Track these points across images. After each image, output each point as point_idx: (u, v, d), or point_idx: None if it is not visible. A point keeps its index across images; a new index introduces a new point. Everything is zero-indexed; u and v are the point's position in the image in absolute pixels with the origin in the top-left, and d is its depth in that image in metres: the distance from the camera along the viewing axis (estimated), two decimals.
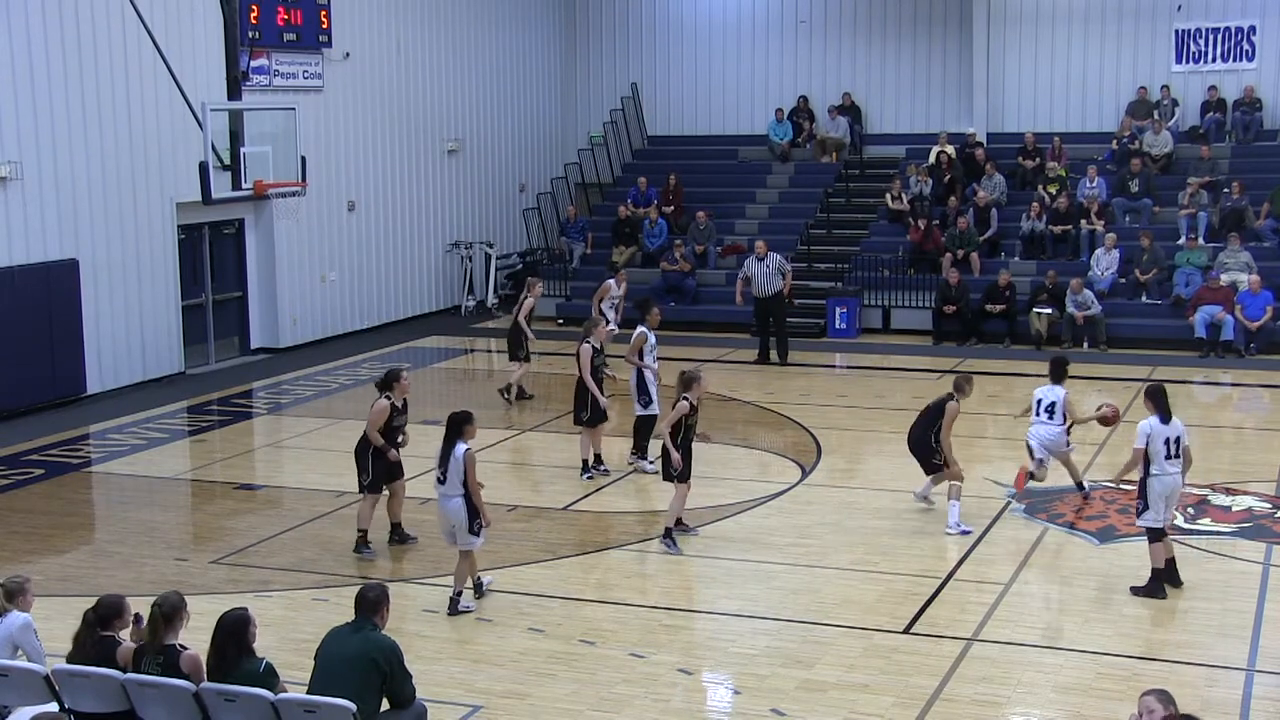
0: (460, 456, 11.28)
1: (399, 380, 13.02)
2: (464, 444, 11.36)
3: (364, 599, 8.44)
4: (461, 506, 11.34)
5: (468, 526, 11.37)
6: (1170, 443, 11.82)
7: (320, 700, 7.83)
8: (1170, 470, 11.81)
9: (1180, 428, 11.93)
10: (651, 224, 27.33)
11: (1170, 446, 11.82)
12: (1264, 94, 27.26)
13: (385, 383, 13.00)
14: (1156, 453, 11.77)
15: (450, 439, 11.38)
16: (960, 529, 13.48)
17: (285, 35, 23.08)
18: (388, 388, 12.94)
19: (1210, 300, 22.86)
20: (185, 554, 13.35)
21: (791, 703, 9.69)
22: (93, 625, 8.45)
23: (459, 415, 11.47)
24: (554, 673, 10.29)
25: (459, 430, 11.39)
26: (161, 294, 21.26)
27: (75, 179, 19.79)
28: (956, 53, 29.22)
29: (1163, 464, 11.77)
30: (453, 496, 11.36)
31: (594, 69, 31.75)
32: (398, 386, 12.97)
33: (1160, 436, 11.79)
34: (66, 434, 18.13)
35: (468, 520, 11.35)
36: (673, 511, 13.32)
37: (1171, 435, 11.83)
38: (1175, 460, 11.85)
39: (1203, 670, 10.23)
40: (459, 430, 11.39)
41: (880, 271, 25.57)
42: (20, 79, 18.91)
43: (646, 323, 16.09)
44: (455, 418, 11.45)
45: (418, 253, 27.30)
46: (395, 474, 13.10)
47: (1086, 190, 25.81)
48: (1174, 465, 11.84)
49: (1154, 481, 11.74)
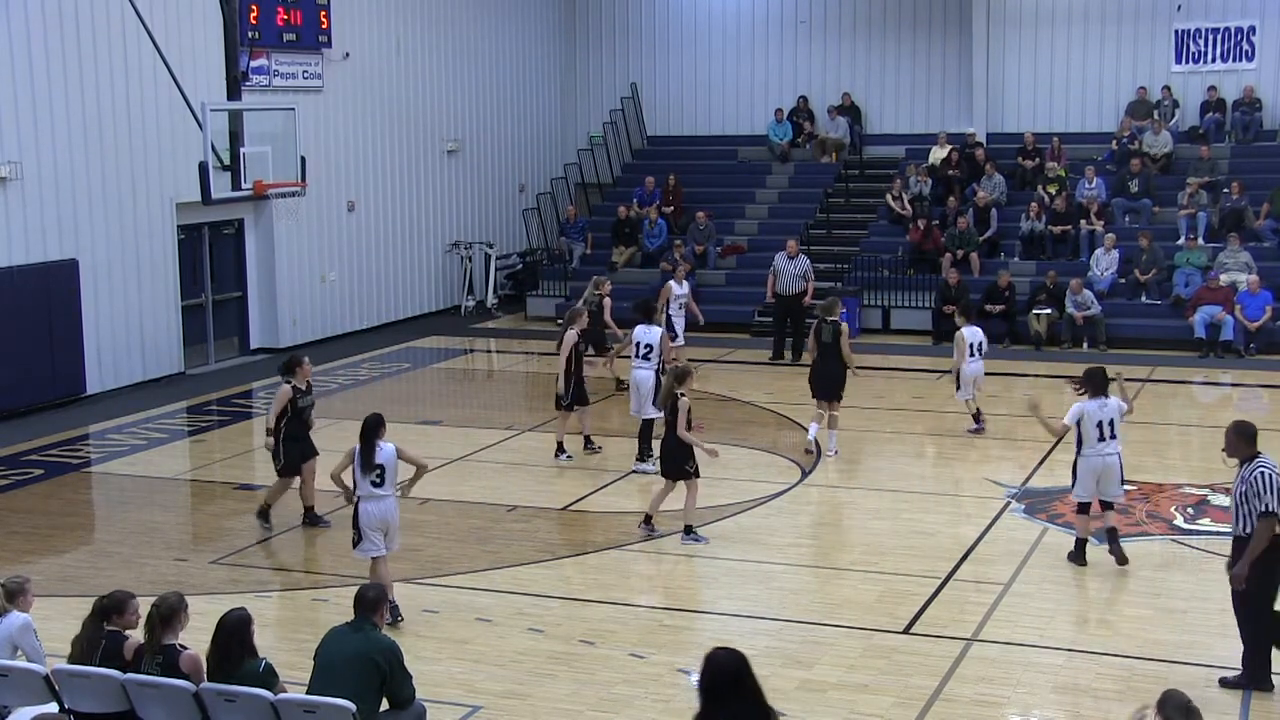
0: (394, 454, 11.21)
1: (300, 365, 13.70)
2: (389, 444, 11.26)
3: (363, 599, 8.44)
4: (397, 506, 11.40)
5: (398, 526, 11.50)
6: (1104, 425, 12.23)
7: (320, 700, 7.83)
8: (1104, 451, 12.26)
9: (1115, 408, 12.37)
10: (651, 224, 27.33)
11: (1104, 429, 12.23)
12: (1263, 94, 27.26)
13: (288, 368, 13.69)
14: (1088, 433, 12.22)
15: (370, 442, 11.19)
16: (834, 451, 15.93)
17: (285, 35, 23.08)
18: (290, 373, 13.62)
19: (1210, 300, 22.86)
20: (185, 554, 13.35)
21: (791, 703, 9.69)
22: (99, 617, 8.46)
23: (375, 418, 11.35)
24: (554, 673, 10.29)
25: (376, 432, 11.26)
26: (161, 294, 21.26)
27: (75, 179, 19.79)
28: (956, 53, 29.22)
29: (1095, 444, 12.23)
30: (386, 498, 11.28)
31: (594, 69, 31.75)
32: (299, 371, 13.64)
33: (1093, 419, 12.20)
34: (66, 434, 18.13)
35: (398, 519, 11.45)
36: (689, 509, 13.35)
37: (1105, 418, 12.25)
38: (1109, 441, 12.26)
39: (1202, 670, 10.23)
40: (376, 432, 11.26)
41: (880, 271, 25.57)
42: (20, 79, 18.91)
43: (657, 322, 16.59)
44: (372, 421, 11.30)
45: (417, 253, 27.30)
46: (308, 456, 13.71)
47: (1086, 190, 25.81)
48: (1108, 446, 12.27)
49: (1083, 461, 12.23)
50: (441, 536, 13.56)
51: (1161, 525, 13.67)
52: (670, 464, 13.37)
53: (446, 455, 16.58)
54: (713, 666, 6.25)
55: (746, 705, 6.16)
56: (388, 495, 11.25)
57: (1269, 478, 9.52)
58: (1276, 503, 9.47)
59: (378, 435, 11.23)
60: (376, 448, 11.17)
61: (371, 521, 11.20)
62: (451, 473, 15.90)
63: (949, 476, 16.06)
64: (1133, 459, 16.19)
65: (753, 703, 6.18)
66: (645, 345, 16.16)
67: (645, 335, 16.21)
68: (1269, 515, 9.48)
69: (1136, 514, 13.99)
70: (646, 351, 16.11)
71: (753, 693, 6.19)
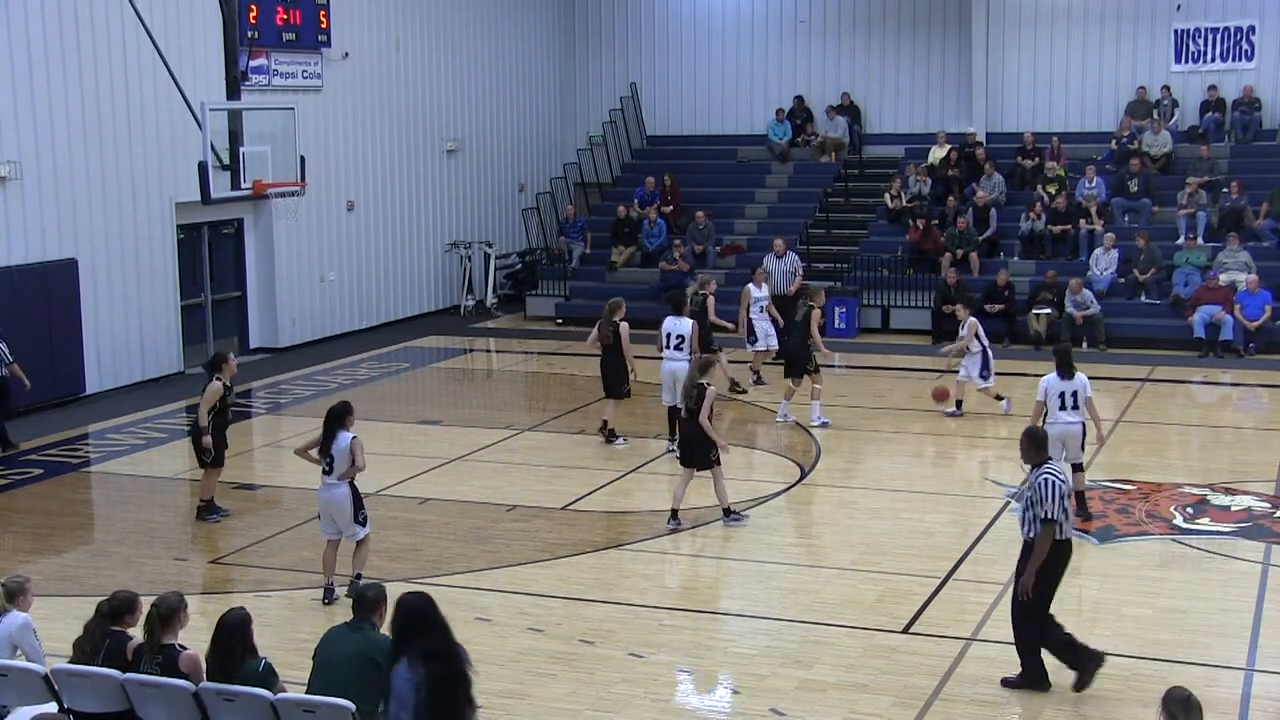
0: (347, 444, 11.51)
1: (226, 361, 14.08)
2: (348, 433, 11.57)
3: (362, 598, 8.43)
4: (346, 496, 11.65)
5: (352, 516, 11.68)
6: (1066, 395, 13.30)
7: (319, 700, 7.82)
8: (1065, 420, 13.28)
9: (1081, 382, 13.38)
10: (650, 224, 27.33)
11: (1065, 399, 13.30)
12: (1263, 94, 27.26)
13: (214, 364, 14.11)
14: (1052, 404, 13.30)
15: (331, 430, 11.58)
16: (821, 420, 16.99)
17: (284, 35, 23.07)
18: (217, 369, 14.01)
19: (1209, 300, 22.86)
20: (184, 554, 13.34)
21: (791, 702, 9.69)
22: (105, 617, 8.46)
23: (339, 407, 11.75)
24: (553, 673, 10.28)
25: (340, 421, 11.62)
26: (161, 294, 21.25)
27: (74, 179, 19.79)
28: (955, 52, 29.22)
29: (1056, 414, 13.28)
30: (336, 486, 11.61)
31: (593, 69, 31.75)
32: (226, 367, 14.00)
33: (1055, 391, 13.30)
34: (66, 434, 18.13)
35: (352, 510, 11.67)
36: (721, 493, 13.68)
37: (1068, 389, 13.32)
38: (1071, 410, 13.31)
39: (1202, 670, 10.23)
40: (340, 421, 11.62)
41: (879, 271, 25.57)
42: (19, 79, 18.91)
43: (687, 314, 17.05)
44: (335, 409, 11.71)
45: (417, 253, 27.30)
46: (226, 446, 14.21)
47: (1085, 190, 25.81)
48: (1070, 415, 13.31)
49: (1048, 429, 12.58)
50: (441, 536, 13.56)
51: (1161, 525, 13.66)
52: (691, 453, 13.65)
53: (446, 455, 16.58)
54: (403, 608, 7.16)
55: (435, 639, 7.06)
56: (335, 484, 11.59)
57: (1052, 485, 9.58)
58: (1056, 510, 9.55)
59: (339, 424, 11.58)
60: (335, 436, 11.54)
61: (320, 505, 11.80)
62: (451, 472, 15.90)
63: (949, 476, 16.07)
64: (1132, 459, 16.26)
65: (440, 637, 7.10)
66: (676, 337, 16.69)
67: (676, 327, 16.76)
68: (1049, 522, 9.58)
69: (1136, 514, 13.98)
70: (678, 343, 16.62)
71: (441, 628, 7.12)
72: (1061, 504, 9.59)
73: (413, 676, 6.96)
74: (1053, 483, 9.60)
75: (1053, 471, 9.72)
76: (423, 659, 7.03)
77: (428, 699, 6.97)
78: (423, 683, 6.96)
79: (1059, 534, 9.64)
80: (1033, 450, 9.91)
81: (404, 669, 7.01)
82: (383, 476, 15.65)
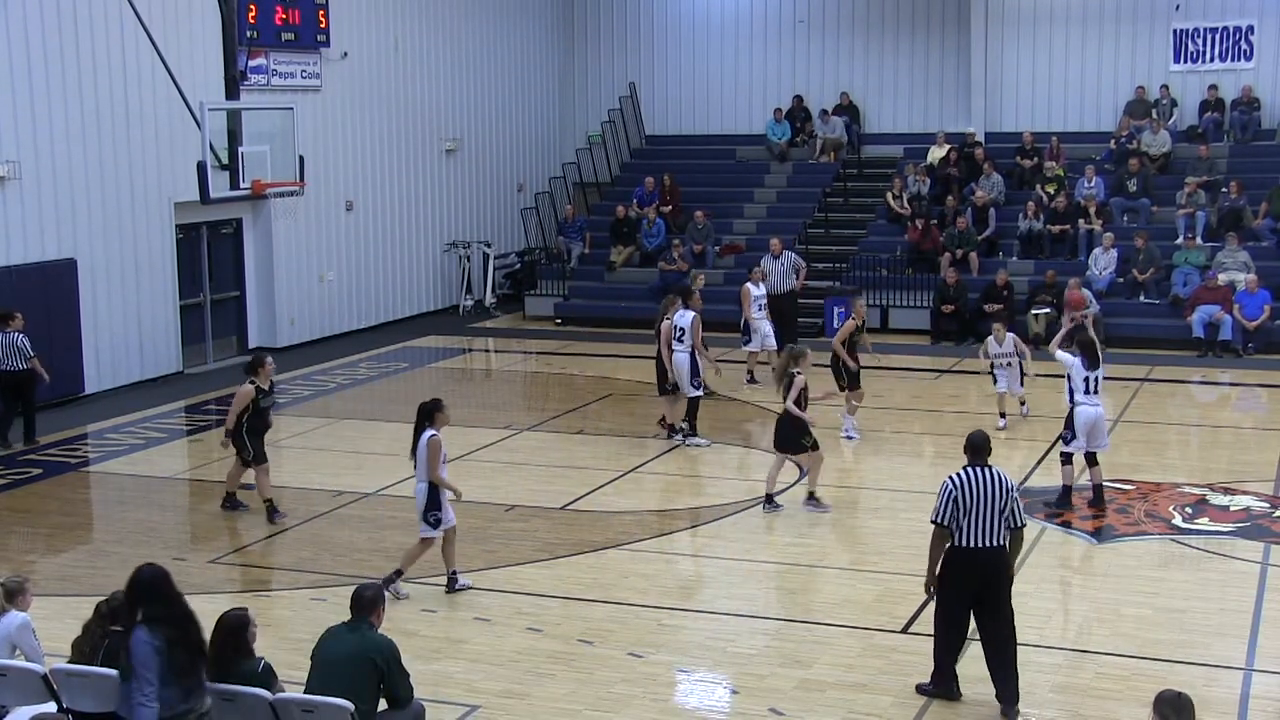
0: (424, 443, 11.67)
1: (263, 365, 14.05)
2: (431, 431, 11.71)
3: (360, 598, 8.43)
4: (423, 492, 11.77)
5: (422, 513, 11.81)
6: (1091, 380, 13.93)
7: (319, 700, 7.82)
8: (1091, 403, 13.91)
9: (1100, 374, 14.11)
10: (649, 224, 27.33)
11: (1090, 383, 13.93)
12: (1262, 93, 27.27)
13: (251, 367, 14.05)
14: (1078, 387, 13.90)
15: (419, 426, 11.78)
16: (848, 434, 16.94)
17: (283, 35, 23.07)
18: (253, 372, 13.97)
19: (1208, 300, 22.86)
20: (183, 553, 13.33)
21: (790, 702, 9.69)
22: (104, 618, 8.46)
23: (429, 404, 11.90)
24: (552, 672, 10.28)
25: (429, 418, 11.79)
26: (159, 294, 21.25)
27: (73, 179, 19.79)
28: (954, 52, 29.23)
29: (1081, 396, 13.91)
30: (420, 481, 11.81)
31: (592, 69, 31.75)
32: (262, 371, 13.97)
33: (1082, 375, 13.91)
34: (65, 433, 18.12)
35: (424, 508, 11.79)
36: (813, 477, 14.21)
37: (1093, 375, 13.97)
38: (1095, 395, 13.98)
39: (1201, 670, 10.23)
40: (429, 418, 11.79)
41: (878, 271, 25.57)
42: (18, 78, 18.90)
43: (691, 306, 17.19)
44: (425, 406, 11.87)
45: (416, 252, 27.29)
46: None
47: (1084, 190, 25.81)
48: (1094, 399, 13.95)
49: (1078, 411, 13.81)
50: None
51: (1160, 525, 13.66)
52: (785, 439, 14.09)
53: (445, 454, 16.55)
54: (136, 578, 7.83)
55: (167, 607, 7.69)
56: (419, 479, 11.80)
57: (943, 484, 9.38)
58: (937, 512, 9.35)
59: (425, 420, 11.78)
60: (421, 432, 11.74)
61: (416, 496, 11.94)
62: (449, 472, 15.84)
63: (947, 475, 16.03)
64: (1131, 459, 16.26)
65: (173, 605, 7.73)
66: (679, 328, 17.02)
67: (679, 319, 17.06)
68: (934, 523, 9.41)
69: (1135, 513, 13.98)
70: (679, 335, 16.98)
71: (172, 597, 7.78)
72: (951, 507, 9.22)
73: (153, 640, 7.56)
74: (944, 483, 9.37)
75: (954, 473, 9.41)
76: (161, 624, 7.61)
77: (169, 659, 7.55)
78: (163, 645, 7.54)
79: (960, 541, 9.26)
80: (968, 453, 9.60)
81: (143, 634, 7.59)
82: (382, 476, 15.67)
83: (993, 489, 9.28)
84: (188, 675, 7.64)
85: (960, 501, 9.27)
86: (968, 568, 9.34)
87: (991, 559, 9.31)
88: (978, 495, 9.27)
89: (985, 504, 9.26)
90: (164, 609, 7.68)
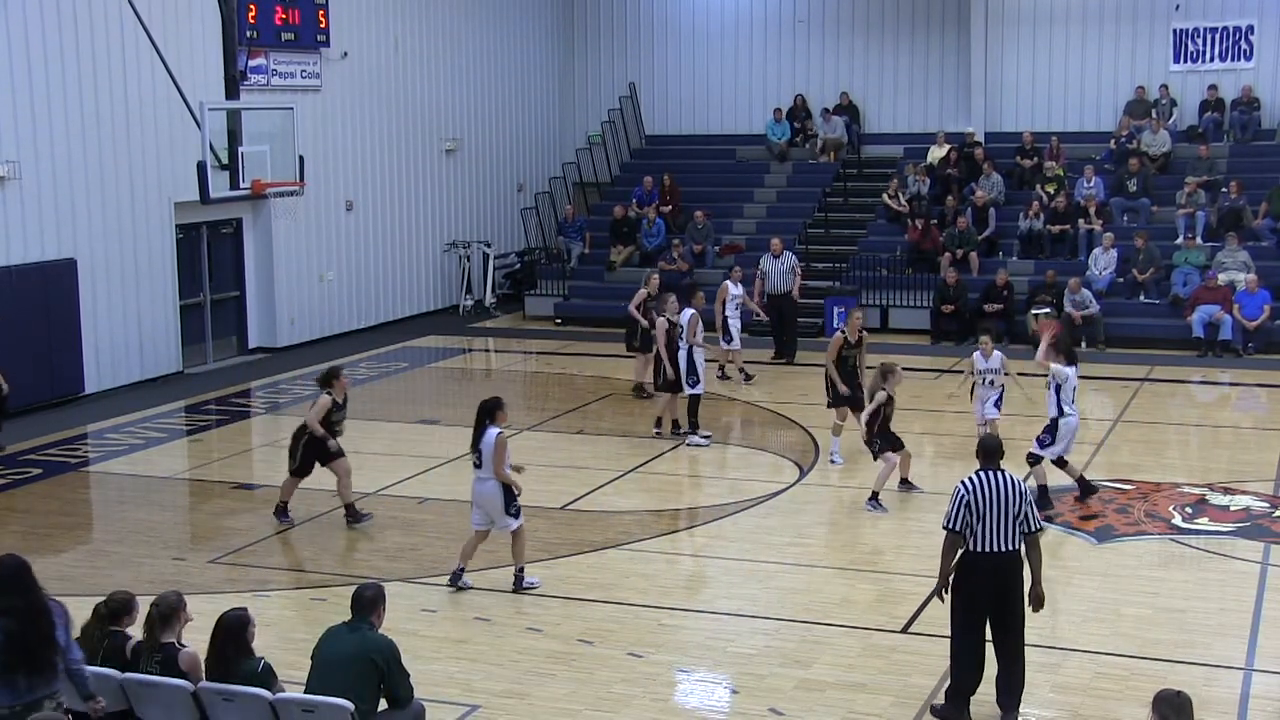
0: (491, 441, 11.74)
1: (338, 378, 13.88)
2: (495, 429, 11.82)
3: (360, 598, 8.44)
4: (497, 490, 11.83)
5: (504, 508, 11.84)
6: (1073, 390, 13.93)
7: (319, 700, 7.82)
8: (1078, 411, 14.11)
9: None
10: (649, 224, 27.33)
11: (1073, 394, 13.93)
12: (1262, 93, 27.27)
13: (326, 380, 13.88)
14: (1067, 395, 13.81)
15: (480, 425, 11.86)
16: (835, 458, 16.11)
17: (283, 35, 23.06)
18: (328, 384, 13.80)
19: (1208, 300, 22.86)
20: (183, 554, 13.34)
21: (789, 702, 9.69)
22: (103, 619, 8.46)
23: (489, 402, 12.00)
24: (552, 672, 10.28)
25: (490, 415, 11.91)
26: (159, 294, 21.25)
27: (73, 179, 19.78)
28: (954, 52, 29.22)
29: (1072, 406, 13.87)
30: (487, 480, 11.83)
31: (592, 69, 31.74)
32: (337, 384, 13.80)
33: (1071, 384, 13.88)
34: (64, 433, 18.12)
35: (504, 503, 11.83)
36: (880, 478, 14.41)
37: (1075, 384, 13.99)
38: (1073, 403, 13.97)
39: (1201, 670, 10.24)
40: (490, 415, 11.91)
41: (878, 271, 25.57)
42: (18, 78, 18.90)
43: (694, 304, 17.42)
44: (486, 404, 11.97)
45: (415, 252, 27.29)
46: (328, 459, 13.76)
47: (1084, 190, 25.81)
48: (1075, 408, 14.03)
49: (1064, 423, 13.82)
50: (440, 536, 13.55)
51: (1160, 525, 13.66)
52: (886, 441, 14.45)
53: (445, 454, 16.57)
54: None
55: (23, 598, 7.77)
56: (485, 478, 11.81)
57: (955, 491, 9.25)
58: (950, 518, 9.21)
59: (488, 419, 11.87)
60: (483, 431, 11.80)
61: (473, 496, 12.00)
62: (450, 472, 15.89)
63: (948, 476, 16.02)
64: (1131, 459, 16.27)
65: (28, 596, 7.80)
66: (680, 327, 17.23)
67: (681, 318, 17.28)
68: (944, 530, 9.28)
69: (1135, 513, 13.98)
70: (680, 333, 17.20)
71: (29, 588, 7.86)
72: (965, 512, 9.10)
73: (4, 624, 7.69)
74: (956, 489, 9.26)
75: (966, 478, 9.31)
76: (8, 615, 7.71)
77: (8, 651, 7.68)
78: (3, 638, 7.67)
79: (974, 546, 9.15)
80: (980, 456, 9.52)
81: None
82: (381, 476, 15.67)
83: (1006, 493, 9.17)
84: (31, 665, 7.70)
85: (973, 506, 9.15)
86: (982, 573, 9.20)
87: (1006, 564, 9.20)
88: (991, 500, 9.15)
89: (999, 508, 9.14)
90: (19, 600, 7.72)
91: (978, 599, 9.27)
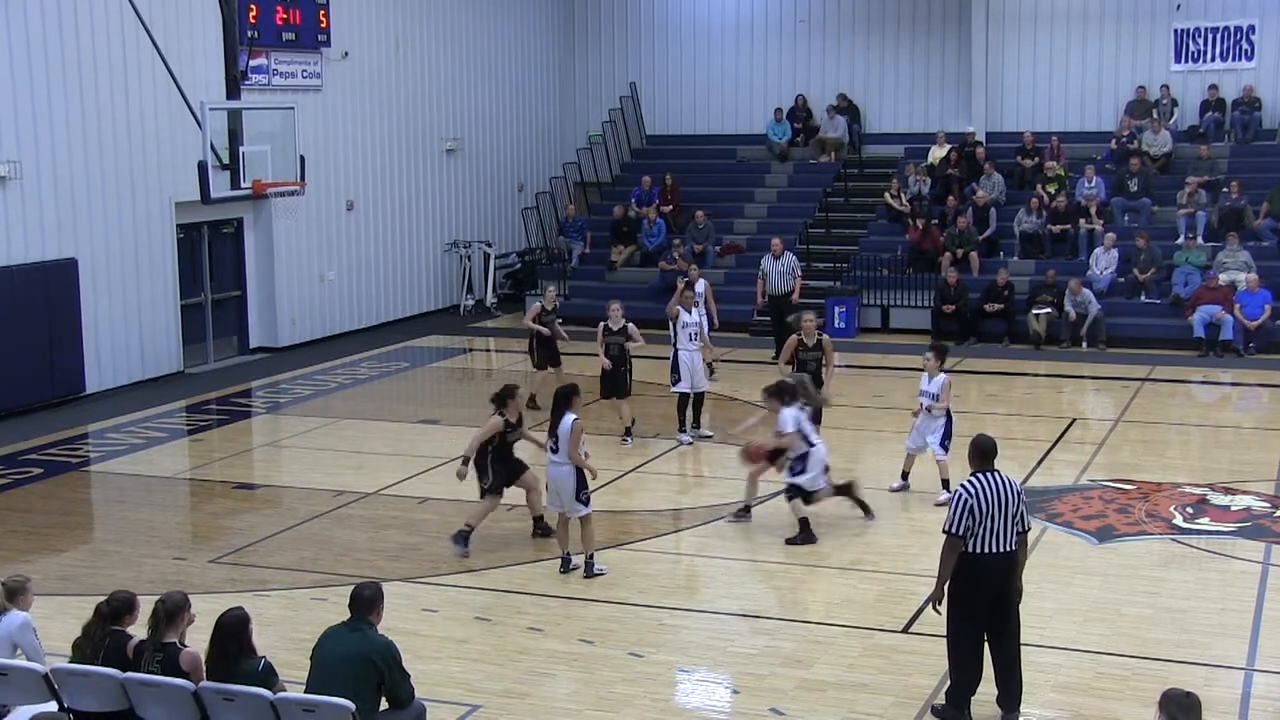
0: (568, 426, 12.02)
1: (514, 398, 13.18)
2: (571, 414, 12.09)
3: (359, 598, 8.42)
4: (570, 474, 12.11)
5: (574, 494, 12.15)
6: None
7: (319, 699, 7.82)
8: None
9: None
10: (650, 223, 27.33)
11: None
12: (1263, 93, 27.27)
13: (501, 399, 13.11)
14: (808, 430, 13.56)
15: (559, 411, 12.18)
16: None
17: (284, 35, 23.07)
18: (503, 405, 13.06)
19: (1209, 299, 22.86)
20: (184, 553, 13.34)
21: (790, 702, 9.69)
22: (105, 618, 8.46)
23: (566, 388, 12.40)
24: (553, 672, 10.28)
25: (567, 402, 12.22)
26: (160, 293, 21.25)
27: (74, 178, 19.79)
28: (955, 52, 29.22)
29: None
30: (563, 465, 12.15)
31: (593, 68, 31.75)
32: (512, 404, 13.12)
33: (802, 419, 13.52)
34: (65, 433, 18.13)
35: (575, 488, 12.11)
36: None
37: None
38: None
39: (1201, 669, 10.23)
40: (567, 402, 12.22)
41: (879, 271, 25.57)
42: (19, 78, 18.91)
43: (683, 303, 17.53)
44: (562, 391, 12.37)
45: (416, 252, 27.30)
46: (516, 474, 13.30)
47: (1085, 190, 25.81)
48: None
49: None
50: (441, 535, 13.53)
51: (1161, 525, 13.66)
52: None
53: (445, 454, 16.55)
54: None
55: None
56: (560, 462, 12.14)
57: (958, 494, 9.18)
58: (953, 522, 9.10)
59: (565, 405, 12.19)
60: (561, 417, 12.13)
61: (548, 480, 12.41)
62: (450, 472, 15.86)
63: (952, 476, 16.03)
64: (1132, 458, 16.27)
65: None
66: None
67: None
68: (947, 534, 9.19)
69: (1136, 513, 13.98)
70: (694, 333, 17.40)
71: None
72: (967, 517, 9.03)
73: None
74: (957, 492, 9.22)
75: (966, 481, 9.23)
76: None
77: None
78: None
79: (973, 548, 9.08)
80: (975, 458, 9.38)
81: None
82: (383, 476, 15.67)
83: (1005, 494, 9.15)
84: None
85: (976, 510, 9.10)
86: (981, 575, 9.15)
87: (1004, 565, 9.18)
88: (992, 502, 9.11)
89: (999, 510, 9.11)
90: None
91: (977, 600, 9.25)
